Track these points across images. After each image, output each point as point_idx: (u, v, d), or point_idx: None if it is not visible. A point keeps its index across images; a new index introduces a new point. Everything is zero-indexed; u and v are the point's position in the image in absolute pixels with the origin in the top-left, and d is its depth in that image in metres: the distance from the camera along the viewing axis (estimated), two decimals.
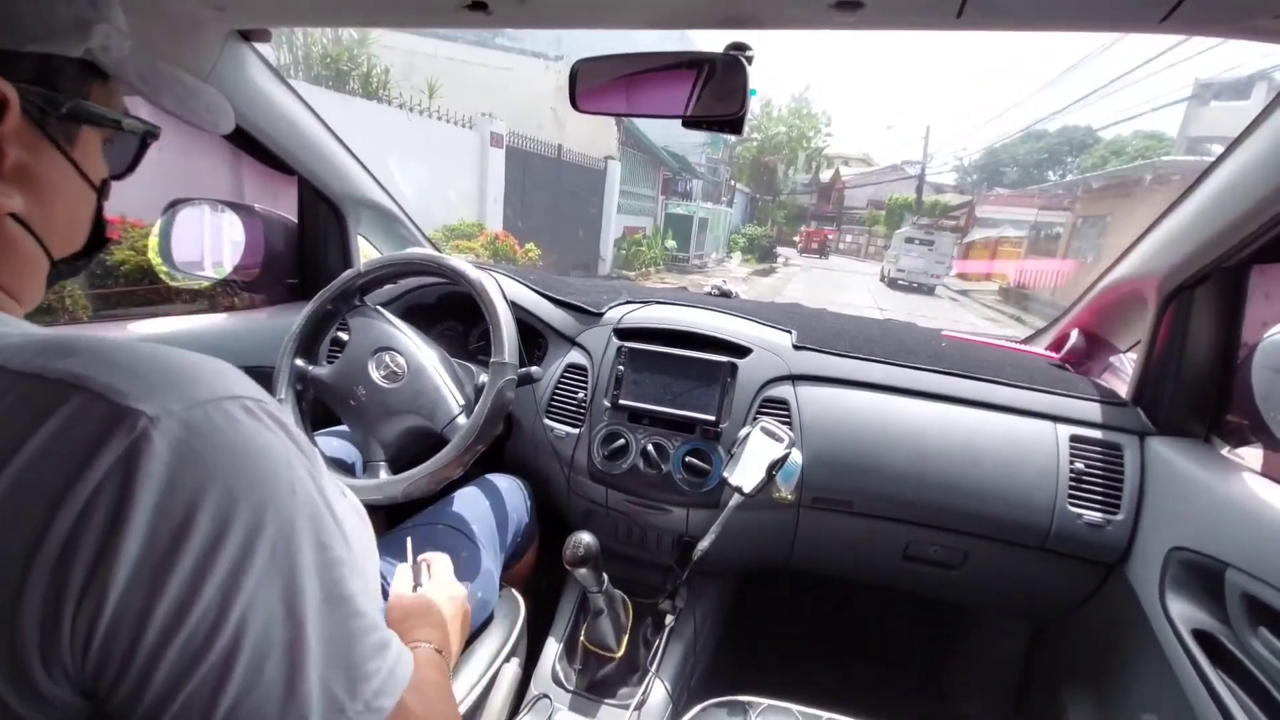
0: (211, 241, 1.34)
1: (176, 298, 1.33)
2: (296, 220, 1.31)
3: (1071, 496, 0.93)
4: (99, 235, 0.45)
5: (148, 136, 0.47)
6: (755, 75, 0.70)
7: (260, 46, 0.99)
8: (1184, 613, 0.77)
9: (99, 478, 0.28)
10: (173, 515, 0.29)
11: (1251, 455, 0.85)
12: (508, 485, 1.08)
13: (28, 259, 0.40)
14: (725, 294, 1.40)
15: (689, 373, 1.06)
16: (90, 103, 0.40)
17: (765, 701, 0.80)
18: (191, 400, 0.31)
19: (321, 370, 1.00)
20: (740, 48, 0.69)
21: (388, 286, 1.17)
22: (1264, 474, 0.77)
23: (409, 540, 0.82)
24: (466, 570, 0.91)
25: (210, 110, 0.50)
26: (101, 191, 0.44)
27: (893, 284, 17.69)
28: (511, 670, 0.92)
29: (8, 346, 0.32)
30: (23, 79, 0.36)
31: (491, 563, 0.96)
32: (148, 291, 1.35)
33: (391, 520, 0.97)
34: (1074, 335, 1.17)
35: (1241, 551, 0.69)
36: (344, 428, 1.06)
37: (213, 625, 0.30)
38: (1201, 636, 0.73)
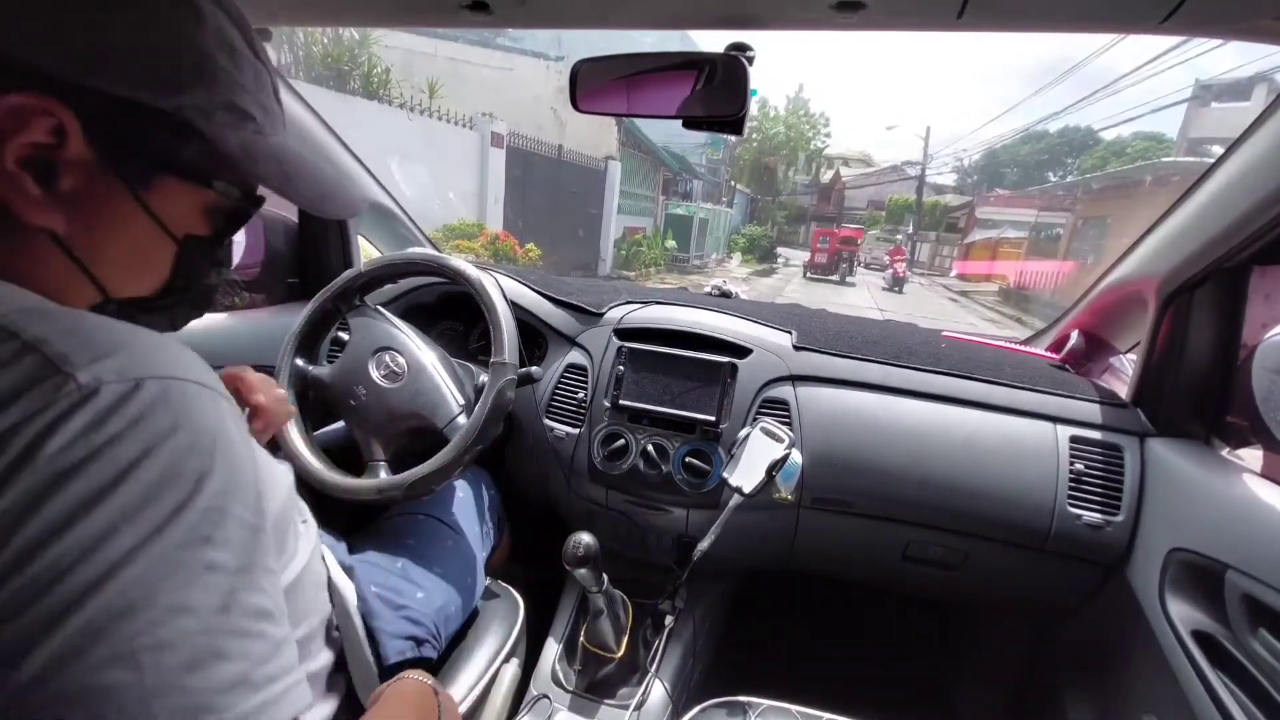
0: None
1: None
2: (297, 220, 1.31)
3: (1071, 497, 0.93)
4: (178, 283, 0.45)
5: (246, 205, 0.47)
6: (756, 76, 0.70)
7: None
8: (1184, 614, 0.77)
9: (15, 421, 0.30)
10: (64, 472, 0.30)
11: (1252, 456, 0.85)
12: (474, 475, 1.09)
13: (61, 280, 0.40)
14: (725, 294, 1.40)
15: (689, 373, 1.06)
16: (175, 155, 0.40)
17: (765, 702, 0.80)
18: (126, 374, 0.33)
19: (322, 370, 1.00)
20: (741, 48, 0.69)
21: (388, 286, 1.17)
22: (1264, 475, 0.77)
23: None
24: (456, 558, 0.91)
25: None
26: (184, 245, 0.44)
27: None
28: (511, 670, 0.92)
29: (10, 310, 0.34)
30: (101, 111, 0.37)
31: (478, 549, 0.97)
32: None
33: (372, 513, 0.98)
34: (1074, 336, 1.17)
35: (1241, 553, 0.69)
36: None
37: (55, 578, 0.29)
38: (1201, 638, 0.73)
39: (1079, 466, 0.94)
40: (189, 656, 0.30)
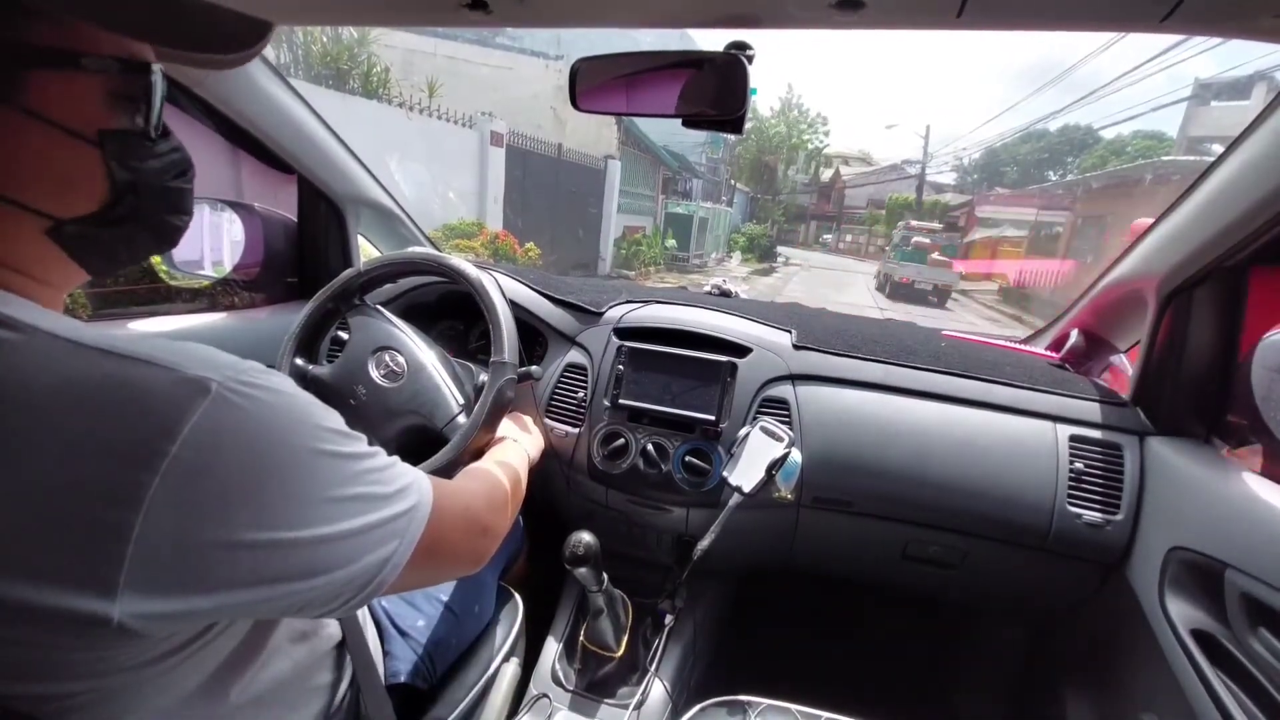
0: (211, 241, 1.34)
1: (177, 297, 1.33)
2: (296, 219, 1.31)
3: (1071, 496, 0.93)
4: (123, 188, 0.43)
5: (139, 77, 0.44)
6: (756, 74, 0.70)
7: None
8: (1183, 613, 0.77)
9: (193, 423, 0.35)
10: (254, 445, 0.38)
11: (1251, 456, 0.85)
12: None
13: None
14: (725, 293, 1.40)
15: (689, 372, 1.06)
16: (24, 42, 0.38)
17: (764, 701, 0.80)
18: (237, 369, 0.39)
19: (321, 369, 1.00)
20: (741, 46, 0.69)
21: (388, 286, 1.17)
22: (1264, 474, 0.77)
23: None
24: (463, 583, 0.90)
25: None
26: (106, 144, 0.42)
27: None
28: (511, 670, 0.92)
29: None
30: None
31: (489, 569, 0.95)
32: (148, 291, 1.35)
33: None
34: (1074, 335, 1.17)
35: (1241, 552, 0.69)
36: None
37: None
38: (1200, 636, 0.73)
39: (1079, 465, 0.93)
40: None
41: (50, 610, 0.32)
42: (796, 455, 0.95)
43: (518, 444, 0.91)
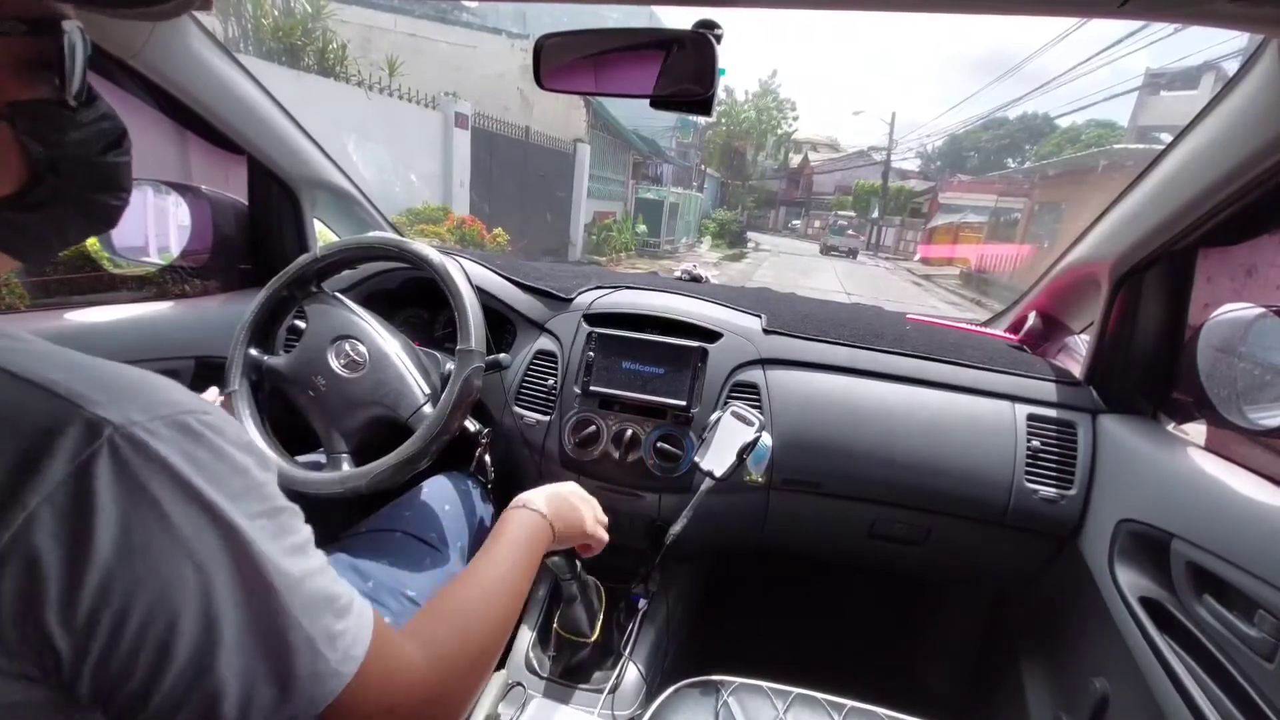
0: (155, 225, 1.27)
1: (122, 285, 1.26)
2: (246, 202, 1.25)
3: (1028, 473, 0.96)
4: (42, 166, 0.39)
5: (49, 40, 0.38)
6: (725, 58, 0.69)
7: (201, 16, 0.93)
8: (1132, 582, 0.80)
9: (61, 478, 0.30)
10: (127, 514, 0.31)
11: (1195, 431, 0.89)
12: (463, 484, 1.05)
13: None
14: (696, 279, 1.39)
15: (660, 358, 1.06)
16: None
17: (737, 680, 0.81)
18: (153, 413, 0.33)
19: (278, 360, 0.96)
20: (709, 26, 0.68)
21: (347, 272, 1.13)
22: (1207, 449, 0.81)
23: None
24: (433, 579, 0.87)
25: None
26: (14, 116, 0.37)
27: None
28: None
29: None
30: None
31: (458, 567, 0.92)
32: (89, 279, 1.28)
33: (345, 523, 0.94)
34: (1031, 317, 1.21)
35: (1186, 522, 0.72)
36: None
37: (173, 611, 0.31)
38: (1149, 604, 0.77)
39: (1035, 443, 0.97)
40: None
41: None
42: (767, 439, 0.96)
43: (532, 519, 0.66)
